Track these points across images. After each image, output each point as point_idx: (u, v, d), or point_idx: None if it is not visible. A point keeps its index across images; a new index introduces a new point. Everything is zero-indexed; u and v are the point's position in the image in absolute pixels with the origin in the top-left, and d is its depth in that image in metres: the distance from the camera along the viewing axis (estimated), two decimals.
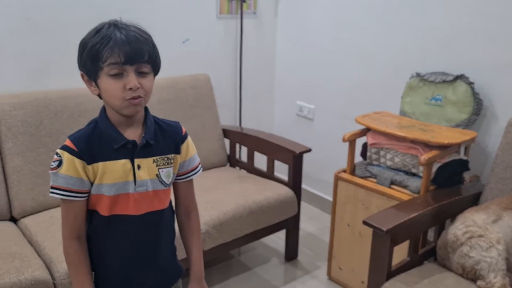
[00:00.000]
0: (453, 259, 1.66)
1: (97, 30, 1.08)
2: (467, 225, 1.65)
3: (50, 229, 1.87)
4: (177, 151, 1.22)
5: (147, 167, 1.16)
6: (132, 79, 1.07)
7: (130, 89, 1.07)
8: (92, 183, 1.13)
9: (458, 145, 1.92)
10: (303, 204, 2.85)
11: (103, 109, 1.16)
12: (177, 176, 1.25)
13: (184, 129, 1.26)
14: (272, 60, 3.16)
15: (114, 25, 1.09)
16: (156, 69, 1.14)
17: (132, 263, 1.20)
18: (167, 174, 1.20)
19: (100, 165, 1.12)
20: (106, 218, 1.15)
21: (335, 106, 2.83)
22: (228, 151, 2.73)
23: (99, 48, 1.05)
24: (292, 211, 2.35)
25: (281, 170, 2.55)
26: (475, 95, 2.02)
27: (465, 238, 1.62)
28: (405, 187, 1.95)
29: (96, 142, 1.12)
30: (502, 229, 1.62)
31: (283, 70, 3.15)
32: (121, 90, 1.07)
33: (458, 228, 1.66)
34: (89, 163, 1.11)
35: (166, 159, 1.19)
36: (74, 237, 1.16)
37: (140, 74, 1.09)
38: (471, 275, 1.60)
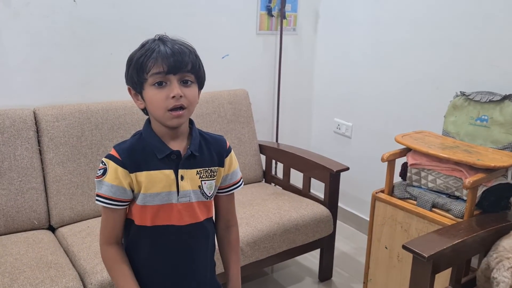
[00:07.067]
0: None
1: (143, 45, 1.13)
2: (498, 251, 1.59)
3: (86, 239, 1.90)
4: (221, 164, 1.23)
5: (190, 178, 1.16)
6: (175, 87, 1.09)
7: (173, 97, 1.08)
8: (133, 192, 1.14)
9: (506, 168, 1.83)
10: (338, 223, 2.78)
11: (148, 121, 1.19)
12: (219, 189, 1.26)
13: (228, 143, 1.27)
14: (310, 76, 3.14)
15: (160, 39, 1.12)
16: (199, 80, 1.16)
17: (172, 274, 1.20)
18: (209, 186, 1.20)
19: (144, 174, 1.13)
20: (149, 228, 1.16)
21: (373, 124, 2.77)
22: (264, 167, 2.72)
23: (143, 60, 1.09)
24: (328, 230, 2.30)
25: (317, 187, 2.50)
26: None
27: (495, 263, 1.57)
28: (447, 210, 1.87)
29: (140, 152, 1.14)
30: None
31: (321, 86, 3.12)
32: (164, 99, 1.09)
33: (489, 255, 1.61)
34: (131, 171, 1.12)
35: (209, 171, 1.20)
36: (111, 243, 1.17)
37: (184, 83, 1.11)
38: None
